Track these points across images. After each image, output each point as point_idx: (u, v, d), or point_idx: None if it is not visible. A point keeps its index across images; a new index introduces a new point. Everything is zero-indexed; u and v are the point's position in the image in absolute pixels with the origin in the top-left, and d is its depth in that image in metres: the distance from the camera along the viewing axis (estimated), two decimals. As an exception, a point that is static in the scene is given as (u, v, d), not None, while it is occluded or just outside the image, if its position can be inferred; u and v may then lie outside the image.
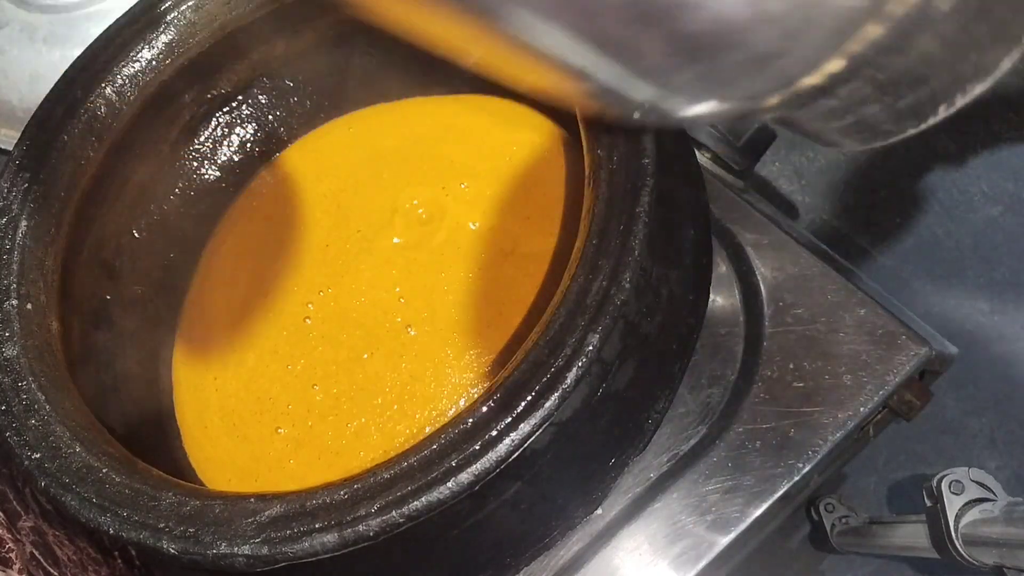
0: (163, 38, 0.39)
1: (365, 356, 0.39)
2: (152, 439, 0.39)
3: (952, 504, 0.38)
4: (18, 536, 0.35)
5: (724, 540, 0.41)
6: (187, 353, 0.42)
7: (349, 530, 0.26)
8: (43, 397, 0.32)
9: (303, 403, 0.38)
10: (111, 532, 0.28)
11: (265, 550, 0.26)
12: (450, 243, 0.41)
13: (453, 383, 0.37)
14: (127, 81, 0.39)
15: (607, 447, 0.33)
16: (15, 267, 0.35)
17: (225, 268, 0.44)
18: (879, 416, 0.45)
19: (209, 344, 0.42)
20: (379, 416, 0.37)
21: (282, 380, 0.39)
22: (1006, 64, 0.21)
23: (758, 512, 0.42)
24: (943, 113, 0.23)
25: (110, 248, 0.42)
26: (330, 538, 0.26)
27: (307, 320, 0.41)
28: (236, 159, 0.46)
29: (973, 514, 0.38)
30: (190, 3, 0.39)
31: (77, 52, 0.39)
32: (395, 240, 0.37)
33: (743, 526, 0.41)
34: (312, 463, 0.37)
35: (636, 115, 0.22)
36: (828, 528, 0.54)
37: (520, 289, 0.38)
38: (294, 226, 0.44)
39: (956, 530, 0.38)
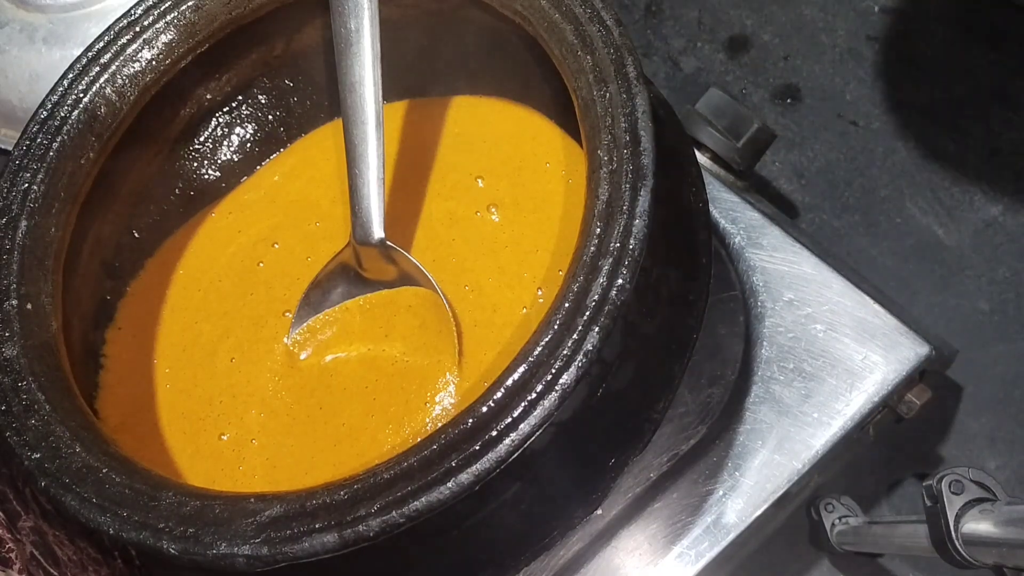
0: (163, 38, 0.39)
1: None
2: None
3: (952, 504, 0.38)
4: (18, 536, 0.35)
5: (724, 540, 0.41)
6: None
7: (349, 530, 0.26)
8: (43, 397, 0.32)
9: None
10: (111, 532, 0.28)
11: (265, 550, 0.26)
12: (445, 243, 0.41)
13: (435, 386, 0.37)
14: (127, 81, 0.39)
15: (607, 447, 0.33)
16: (15, 267, 0.35)
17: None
18: (879, 416, 0.45)
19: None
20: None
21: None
22: None
23: (758, 512, 0.42)
24: None
25: (110, 248, 0.42)
26: (330, 538, 0.26)
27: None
28: (236, 159, 0.46)
29: (973, 514, 0.38)
30: (190, 3, 0.39)
31: (77, 52, 0.39)
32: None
33: (743, 526, 0.41)
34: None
35: None
36: (828, 528, 0.54)
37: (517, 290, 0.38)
38: (286, 231, 0.44)
39: (956, 530, 0.38)
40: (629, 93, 0.31)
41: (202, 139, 0.45)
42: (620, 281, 0.28)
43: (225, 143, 0.45)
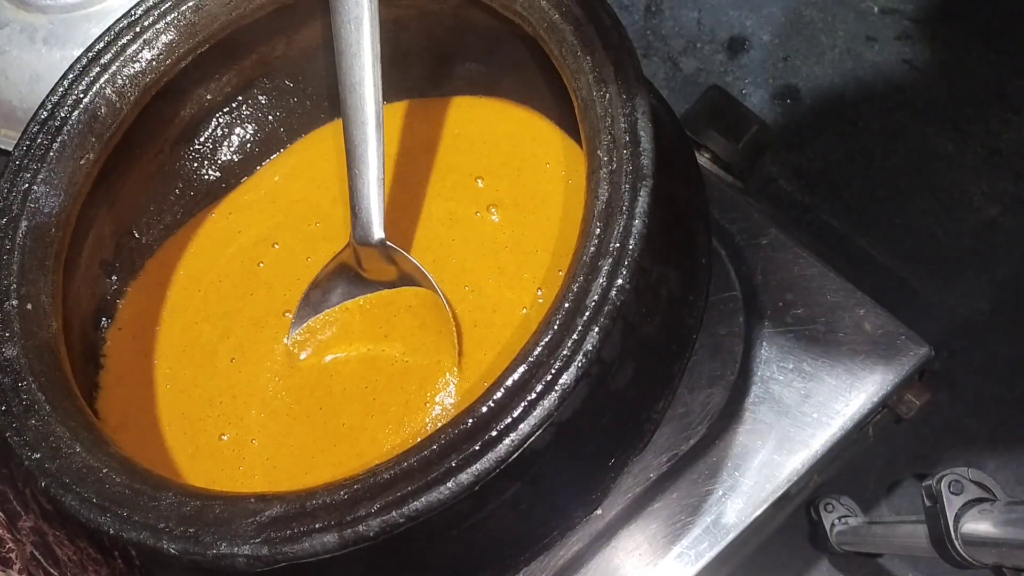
0: (163, 38, 0.39)
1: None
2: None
3: (951, 504, 0.38)
4: (18, 536, 0.35)
5: (724, 540, 0.41)
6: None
7: (349, 530, 0.26)
8: (43, 397, 0.32)
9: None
10: (111, 532, 0.28)
11: (265, 550, 0.26)
12: (445, 243, 0.41)
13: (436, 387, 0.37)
14: (127, 81, 0.39)
15: (607, 447, 0.33)
16: (15, 267, 0.35)
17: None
18: (879, 416, 0.45)
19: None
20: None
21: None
22: None
23: (758, 512, 0.42)
24: None
25: (110, 248, 0.42)
26: (330, 538, 0.26)
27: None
28: (236, 159, 0.46)
29: (972, 514, 0.38)
30: (190, 3, 0.40)
31: (77, 52, 0.39)
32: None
33: (743, 526, 0.41)
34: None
35: None
36: (828, 528, 0.54)
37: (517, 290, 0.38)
38: (286, 231, 0.44)
39: (955, 530, 0.38)
40: (629, 93, 0.31)
41: (202, 139, 0.45)
42: (620, 281, 0.28)
43: (225, 143, 0.45)
